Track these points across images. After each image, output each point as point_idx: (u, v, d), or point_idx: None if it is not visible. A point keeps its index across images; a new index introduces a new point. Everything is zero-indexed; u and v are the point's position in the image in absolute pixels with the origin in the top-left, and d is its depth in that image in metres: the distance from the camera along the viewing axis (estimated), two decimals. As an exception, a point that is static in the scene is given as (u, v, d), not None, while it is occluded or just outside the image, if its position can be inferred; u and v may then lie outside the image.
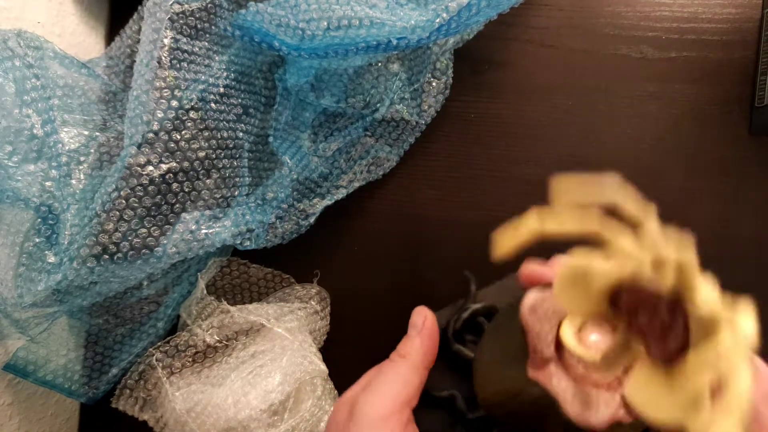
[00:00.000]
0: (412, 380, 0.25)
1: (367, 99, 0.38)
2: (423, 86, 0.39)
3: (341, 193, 0.39)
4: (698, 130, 0.39)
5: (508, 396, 0.20)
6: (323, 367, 0.35)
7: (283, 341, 0.35)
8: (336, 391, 0.38)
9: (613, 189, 0.15)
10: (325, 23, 0.30)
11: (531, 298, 0.19)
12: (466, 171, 0.40)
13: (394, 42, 0.31)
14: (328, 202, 0.39)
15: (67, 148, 0.32)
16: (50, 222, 0.31)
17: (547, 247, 0.20)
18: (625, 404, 0.17)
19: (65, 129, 0.33)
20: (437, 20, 0.30)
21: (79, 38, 0.41)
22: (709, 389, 0.13)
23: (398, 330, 0.40)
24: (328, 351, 0.38)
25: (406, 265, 0.41)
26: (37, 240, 0.31)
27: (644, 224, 0.14)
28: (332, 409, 0.27)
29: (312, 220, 0.38)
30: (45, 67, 0.33)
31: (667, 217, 0.45)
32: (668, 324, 0.14)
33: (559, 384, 0.17)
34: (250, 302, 0.39)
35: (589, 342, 0.18)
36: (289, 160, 0.37)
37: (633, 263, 0.15)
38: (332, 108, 0.38)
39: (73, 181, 0.32)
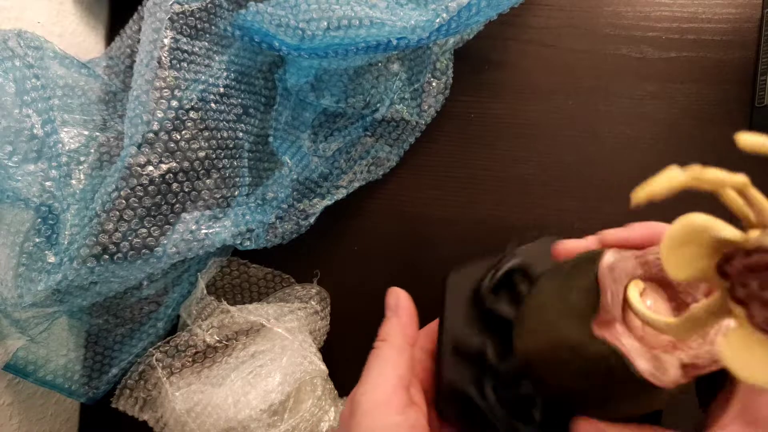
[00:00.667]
0: (398, 361, 0.25)
1: (367, 99, 0.38)
2: (423, 86, 0.39)
3: (341, 193, 0.39)
4: (698, 130, 0.39)
5: (560, 349, 0.20)
6: (323, 367, 0.35)
7: (283, 341, 0.35)
8: (336, 391, 0.38)
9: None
10: (325, 23, 0.30)
11: (610, 257, 0.19)
12: (466, 171, 0.40)
13: (394, 42, 0.31)
14: (328, 202, 0.39)
15: (67, 148, 0.32)
16: (50, 222, 0.31)
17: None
18: (684, 366, 0.17)
19: (65, 129, 0.33)
20: (437, 20, 0.30)
21: (79, 38, 0.40)
22: None
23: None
24: (328, 351, 0.38)
25: (406, 265, 0.41)
26: (37, 240, 0.31)
27: None
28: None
29: (312, 220, 0.38)
30: (45, 67, 0.33)
31: (666, 217, 0.45)
32: None
33: (628, 343, 0.17)
34: (250, 302, 0.39)
35: (648, 306, 0.18)
36: (289, 160, 0.37)
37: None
38: (332, 108, 0.38)
39: (73, 181, 0.32)
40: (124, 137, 0.31)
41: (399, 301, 0.28)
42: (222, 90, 0.34)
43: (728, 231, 0.15)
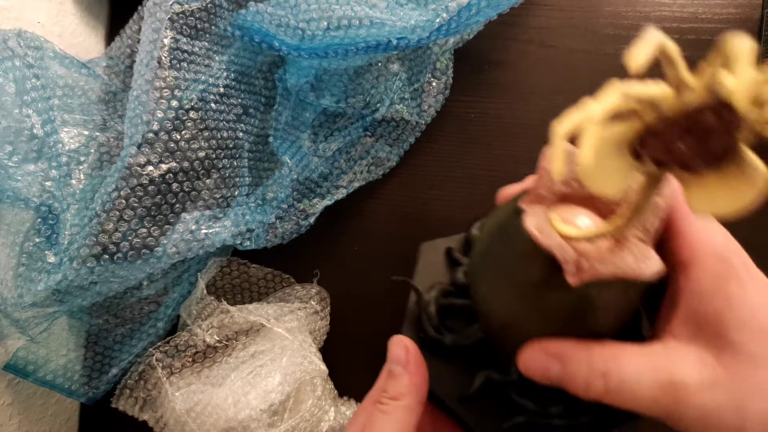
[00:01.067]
0: (410, 421, 0.23)
1: (367, 99, 0.38)
2: (423, 86, 0.39)
3: (341, 193, 0.39)
4: (698, 130, 0.39)
5: (552, 321, 0.20)
6: (323, 367, 0.35)
7: (283, 341, 0.35)
8: (336, 391, 0.38)
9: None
10: (325, 23, 0.30)
11: (531, 222, 0.19)
12: (466, 171, 0.40)
13: (394, 42, 0.31)
14: (328, 202, 0.39)
15: (67, 148, 0.32)
16: (50, 222, 0.31)
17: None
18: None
19: (65, 129, 0.33)
20: (437, 20, 0.30)
21: (79, 38, 0.41)
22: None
23: (398, 329, 0.40)
24: (328, 351, 0.38)
25: (406, 265, 0.41)
26: (37, 240, 0.31)
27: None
28: None
29: (312, 220, 0.38)
30: (45, 67, 0.33)
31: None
32: (714, 130, 0.14)
33: (603, 265, 0.18)
34: (250, 302, 0.39)
35: (587, 227, 0.19)
36: (289, 160, 0.37)
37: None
38: (332, 108, 0.38)
39: (73, 181, 0.32)
40: (124, 137, 0.31)
41: (409, 355, 0.25)
42: (222, 90, 0.34)
43: (649, 90, 0.15)
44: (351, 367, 0.40)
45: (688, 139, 0.15)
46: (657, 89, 0.15)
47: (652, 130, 0.15)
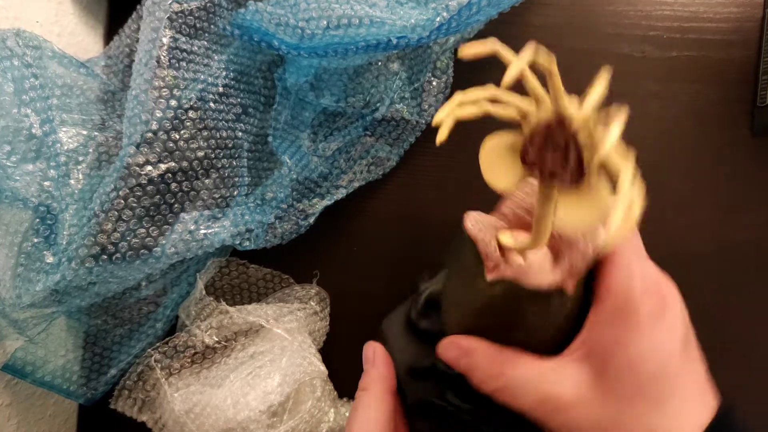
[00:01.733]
0: (380, 407, 0.27)
1: (367, 98, 0.38)
2: (423, 85, 0.39)
3: (341, 193, 0.39)
4: (699, 130, 0.39)
5: (478, 310, 0.23)
6: (323, 368, 0.35)
7: (282, 342, 0.34)
8: (335, 392, 0.38)
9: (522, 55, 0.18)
10: (325, 22, 0.30)
11: (471, 216, 0.23)
12: (466, 171, 0.40)
13: (394, 41, 0.31)
14: (327, 202, 0.38)
15: (65, 147, 0.32)
16: (49, 222, 0.30)
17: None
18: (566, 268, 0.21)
19: (64, 128, 0.33)
20: (437, 19, 0.30)
21: (78, 38, 0.40)
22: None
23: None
24: (327, 351, 0.38)
25: (406, 265, 0.41)
26: (36, 240, 0.30)
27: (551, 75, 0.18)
28: None
29: (312, 220, 0.38)
30: (43, 67, 0.32)
31: (667, 217, 0.45)
32: (563, 146, 0.17)
33: (519, 269, 0.21)
34: (249, 303, 0.39)
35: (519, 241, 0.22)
36: (288, 160, 0.37)
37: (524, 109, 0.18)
38: (332, 107, 0.38)
39: (72, 181, 0.32)
40: (122, 137, 0.31)
41: (376, 353, 0.31)
42: (221, 89, 0.33)
43: (503, 114, 0.20)
44: (351, 368, 0.40)
45: (552, 152, 0.17)
46: (518, 100, 0.18)
47: (528, 140, 0.18)
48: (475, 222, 0.23)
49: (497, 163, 0.19)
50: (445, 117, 0.20)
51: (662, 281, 0.22)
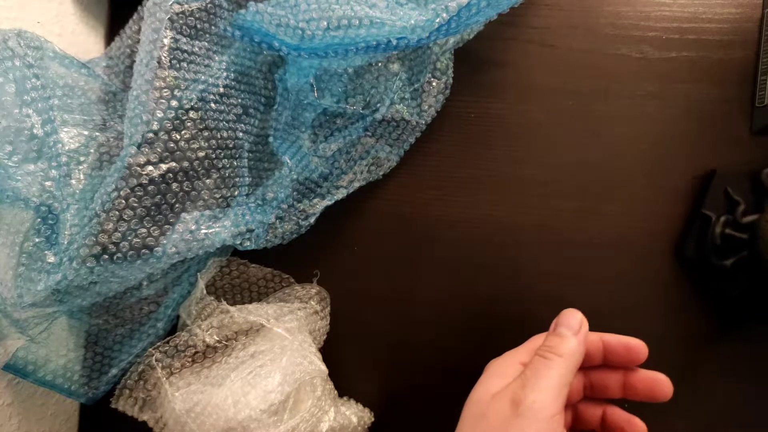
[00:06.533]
0: (567, 378, 0.26)
1: (367, 99, 0.38)
2: (423, 86, 0.39)
3: (341, 193, 0.39)
4: (698, 130, 0.39)
5: None
6: (323, 367, 0.35)
7: (282, 341, 0.35)
8: (336, 391, 0.38)
9: None
10: (325, 23, 0.30)
11: None
12: (466, 171, 0.40)
13: (394, 42, 0.31)
14: (328, 202, 0.39)
15: (66, 148, 0.32)
16: (50, 222, 0.31)
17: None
18: None
19: (65, 129, 0.33)
20: (437, 20, 0.30)
21: (79, 38, 0.40)
22: None
23: (398, 330, 0.40)
24: (328, 351, 0.38)
25: (406, 265, 0.41)
26: (37, 240, 0.31)
27: None
28: (474, 401, 0.28)
29: (312, 220, 0.38)
30: (45, 67, 0.33)
31: (667, 217, 0.45)
32: None
33: None
34: (250, 302, 0.39)
35: None
36: (289, 160, 0.37)
37: None
38: (332, 108, 0.38)
39: (73, 181, 0.32)
40: (123, 137, 0.31)
41: (583, 327, 0.28)
42: (222, 90, 0.34)
43: None
44: (351, 367, 0.40)
45: None
46: None
47: None
48: None
49: None
50: None
51: None
